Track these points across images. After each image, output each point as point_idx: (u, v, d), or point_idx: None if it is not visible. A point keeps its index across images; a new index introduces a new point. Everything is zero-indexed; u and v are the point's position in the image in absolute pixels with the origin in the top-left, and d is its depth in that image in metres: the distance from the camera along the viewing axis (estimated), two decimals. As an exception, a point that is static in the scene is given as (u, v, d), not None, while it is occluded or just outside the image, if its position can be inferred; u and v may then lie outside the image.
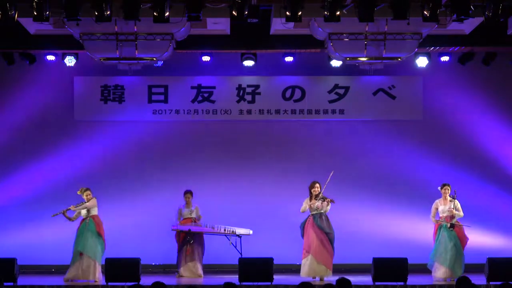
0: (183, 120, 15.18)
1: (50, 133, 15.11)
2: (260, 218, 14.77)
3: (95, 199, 12.98)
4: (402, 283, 12.08)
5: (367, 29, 12.47)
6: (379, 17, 11.77)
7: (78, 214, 13.03)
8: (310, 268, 12.88)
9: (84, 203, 12.94)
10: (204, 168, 15.12)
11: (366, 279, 12.39)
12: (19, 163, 15.04)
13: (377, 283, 12.12)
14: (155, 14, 11.30)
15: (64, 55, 14.47)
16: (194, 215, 13.72)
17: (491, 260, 12.31)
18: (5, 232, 14.85)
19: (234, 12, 11.31)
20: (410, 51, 12.92)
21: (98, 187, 13.49)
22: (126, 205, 14.89)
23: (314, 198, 13.00)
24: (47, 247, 14.75)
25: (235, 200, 15.04)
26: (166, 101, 15.15)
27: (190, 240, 13.53)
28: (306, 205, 13.04)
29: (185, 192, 13.77)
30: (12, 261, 12.18)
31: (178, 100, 15.15)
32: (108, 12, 11.26)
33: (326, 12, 11.31)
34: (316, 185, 13.03)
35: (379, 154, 15.21)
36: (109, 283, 12.17)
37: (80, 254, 12.74)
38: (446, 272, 12.84)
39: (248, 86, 15.23)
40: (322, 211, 12.98)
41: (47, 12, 11.23)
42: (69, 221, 13.05)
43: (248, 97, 15.21)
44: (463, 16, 11.34)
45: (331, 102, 15.20)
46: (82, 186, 13.15)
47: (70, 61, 14.46)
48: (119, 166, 15.12)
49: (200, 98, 15.19)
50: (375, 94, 15.23)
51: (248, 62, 14.55)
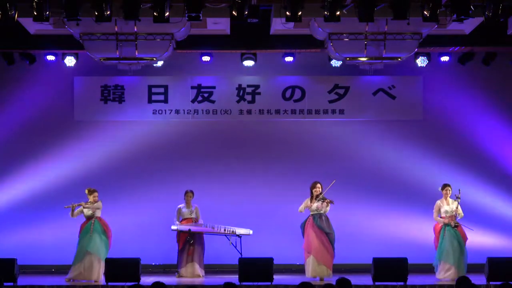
0: (183, 120, 15.17)
1: (50, 133, 15.10)
2: (260, 218, 14.76)
3: (101, 202, 13.06)
4: (402, 283, 12.07)
5: (367, 29, 12.46)
6: (379, 17, 11.77)
7: (80, 212, 13.04)
8: (312, 269, 12.87)
9: (91, 202, 12.97)
10: (204, 168, 15.11)
11: (366, 279, 12.38)
12: (19, 163, 15.03)
13: (377, 283, 12.12)
14: (155, 14, 11.31)
15: (64, 55, 14.48)
16: (194, 215, 13.72)
17: (491, 260, 12.31)
18: (5, 232, 14.84)
19: (234, 12, 11.31)
20: (410, 51, 12.91)
21: (98, 187, 13.43)
22: (126, 205, 14.88)
23: (314, 198, 13.02)
24: (47, 247, 14.75)
25: (235, 200, 15.03)
26: (166, 101, 15.15)
27: (190, 240, 13.54)
28: (304, 205, 13.05)
29: (186, 192, 13.76)
30: (12, 261, 12.18)
31: (178, 100, 15.15)
32: (108, 12, 11.26)
33: (326, 12, 11.32)
34: (318, 185, 13.04)
35: (379, 154, 15.19)
36: (109, 283, 12.17)
37: (86, 253, 12.76)
38: (456, 272, 12.71)
39: (248, 86, 15.22)
40: (321, 212, 13.00)
41: (47, 12, 11.23)
42: (70, 215, 13.02)
43: (248, 97, 15.21)
44: (463, 16, 11.34)
45: (331, 102, 15.20)
46: (86, 186, 13.20)
47: (70, 61, 14.48)
48: (119, 166, 15.10)
49: (200, 98, 15.18)
50: (375, 94, 15.23)
51: (248, 62, 14.55)
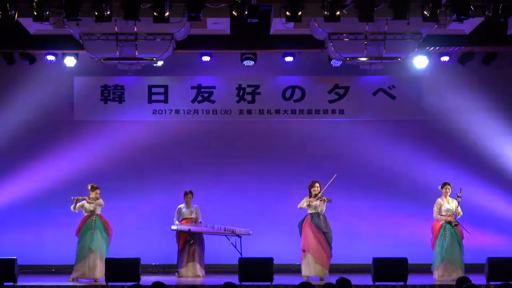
0: (183, 120, 15.17)
1: (50, 133, 15.10)
2: (260, 218, 14.77)
3: (102, 200, 13.07)
4: (402, 283, 12.08)
5: (367, 29, 12.46)
6: (379, 17, 11.77)
7: (81, 206, 13.05)
8: (308, 268, 12.86)
9: (93, 199, 12.97)
10: (204, 168, 15.11)
11: (366, 279, 12.38)
12: (19, 163, 15.03)
13: (377, 283, 12.12)
14: (155, 14, 11.30)
15: (64, 55, 14.48)
16: (194, 216, 13.72)
17: (491, 260, 12.30)
18: (5, 232, 14.84)
19: (234, 12, 11.30)
20: (410, 51, 12.92)
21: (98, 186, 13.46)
22: (126, 205, 14.88)
23: (313, 197, 12.99)
24: (47, 247, 14.75)
25: (235, 200, 15.03)
26: (166, 101, 15.15)
27: (190, 240, 13.54)
28: (305, 202, 13.02)
29: (185, 193, 13.77)
30: (12, 261, 12.18)
31: (178, 100, 15.15)
32: (108, 12, 11.26)
33: (326, 12, 11.31)
34: (316, 184, 13.03)
35: (379, 154, 15.19)
36: (109, 283, 12.17)
37: (90, 251, 12.76)
38: (458, 272, 12.68)
39: (248, 86, 15.22)
40: (319, 210, 12.97)
41: (47, 12, 11.23)
42: (71, 208, 13.02)
43: (248, 97, 15.21)
44: (463, 16, 11.34)
45: (331, 102, 15.20)
46: (86, 186, 13.18)
47: (70, 61, 14.48)
48: (119, 166, 15.10)
49: (200, 98, 15.18)
50: (375, 94, 15.23)
51: (248, 62, 14.56)
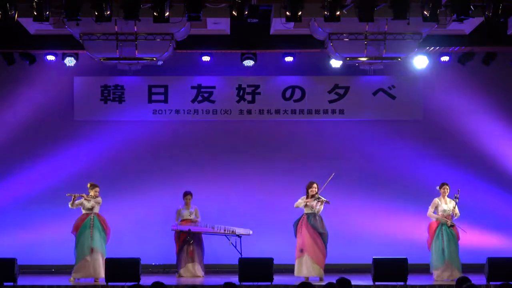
0: (183, 120, 15.18)
1: (50, 133, 15.10)
2: (260, 218, 14.77)
3: (101, 198, 13.04)
4: (402, 283, 12.08)
5: (367, 29, 12.46)
6: (379, 17, 11.76)
7: (79, 203, 13.03)
8: (306, 268, 12.83)
9: (92, 196, 12.96)
10: (204, 168, 15.11)
11: (366, 279, 12.38)
12: (19, 163, 15.03)
13: (377, 283, 12.12)
14: (155, 14, 11.30)
15: (64, 55, 14.48)
16: (193, 216, 13.72)
17: (491, 260, 12.30)
18: (5, 232, 14.84)
19: (234, 12, 11.30)
20: (410, 51, 12.91)
21: (98, 187, 13.47)
22: (126, 205, 14.88)
23: (310, 198, 12.97)
24: (47, 247, 14.75)
25: (235, 200, 15.04)
26: (166, 101, 15.15)
27: (190, 240, 13.54)
28: (302, 201, 12.99)
29: (185, 194, 13.77)
30: (12, 261, 12.17)
31: (178, 100, 15.15)
32: (108, 12, 11.25)
33: (326, 12, 11.31)
34: (314, 185, 12.99)
35: (379, 154, 15.20)
36: (109, 283, 12.17)
37: (91, 250, 12.75)
38: (456, 273, 12.66)
39: (248, 86, 15.22)
40: (315, 211, 12.94)
41: (47, 12, 11.23)
42: (69, 205, 12.98)
43: (248, 97, 15.21)
44: (463, 16, 11.33)
45: (331, 102, 15.20)
46: (88, 182, 13.16)
47: (70, 61, 14.48)
48: (119, 166, 15.11)
49: (200, 98, 15.18)
50: (375, 94, 15.23)
51: (248, 62, 14.56)
